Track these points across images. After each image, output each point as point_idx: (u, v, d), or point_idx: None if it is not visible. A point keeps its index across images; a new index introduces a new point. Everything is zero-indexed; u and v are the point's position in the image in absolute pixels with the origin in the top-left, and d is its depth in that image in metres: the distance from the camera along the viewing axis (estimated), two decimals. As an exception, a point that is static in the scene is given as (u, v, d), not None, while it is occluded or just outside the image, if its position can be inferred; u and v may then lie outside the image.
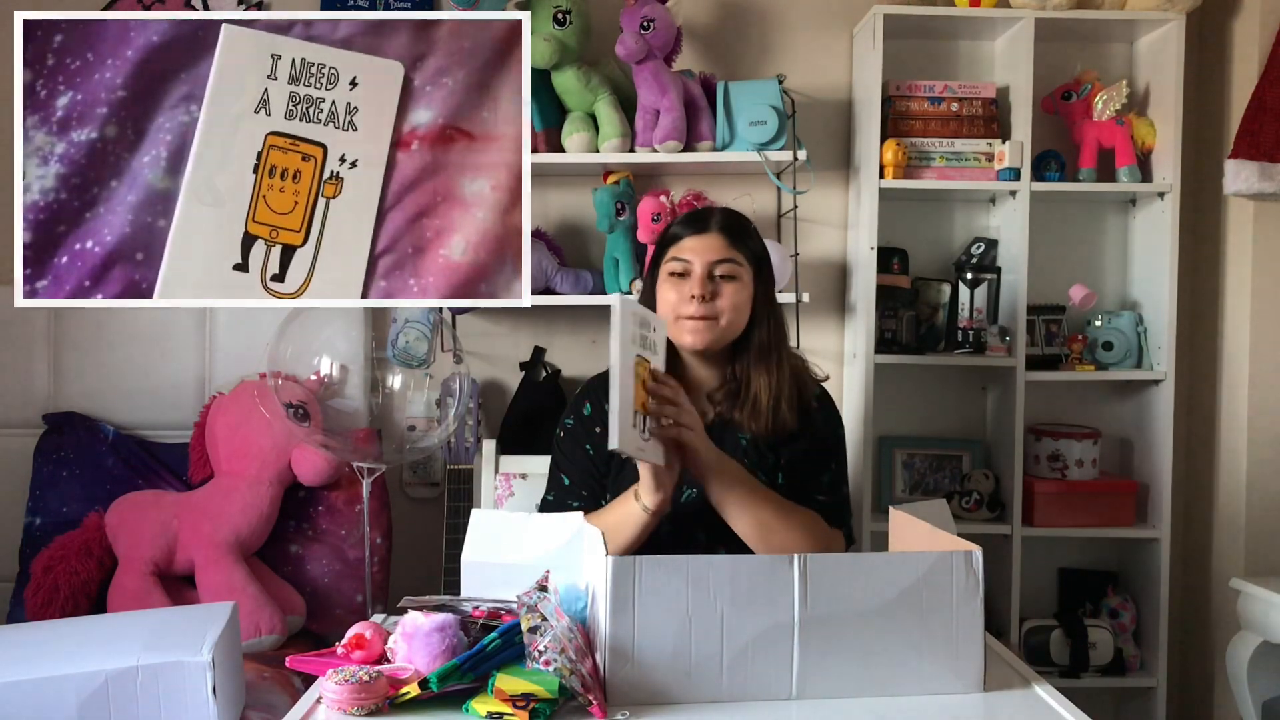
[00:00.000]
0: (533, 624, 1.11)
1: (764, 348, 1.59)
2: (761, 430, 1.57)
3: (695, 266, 1.56)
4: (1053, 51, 2.50)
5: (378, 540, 2.27)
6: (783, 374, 1.59)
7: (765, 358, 1.59)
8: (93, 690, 1.34)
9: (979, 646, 1.17)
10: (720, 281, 1.55)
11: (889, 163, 2.39)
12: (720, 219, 1.60)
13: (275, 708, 1.67)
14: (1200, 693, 2.58)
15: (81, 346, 2.43)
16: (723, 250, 1.57)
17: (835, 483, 1.63)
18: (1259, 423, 2.46)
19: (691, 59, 2.54)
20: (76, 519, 2.23)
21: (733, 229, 1.60)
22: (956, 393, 2.65)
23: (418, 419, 2.27)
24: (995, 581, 2.43)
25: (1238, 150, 2.37)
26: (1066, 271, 2.59)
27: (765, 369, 1.58)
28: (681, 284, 1.56)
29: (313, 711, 1.11)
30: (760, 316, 1.60)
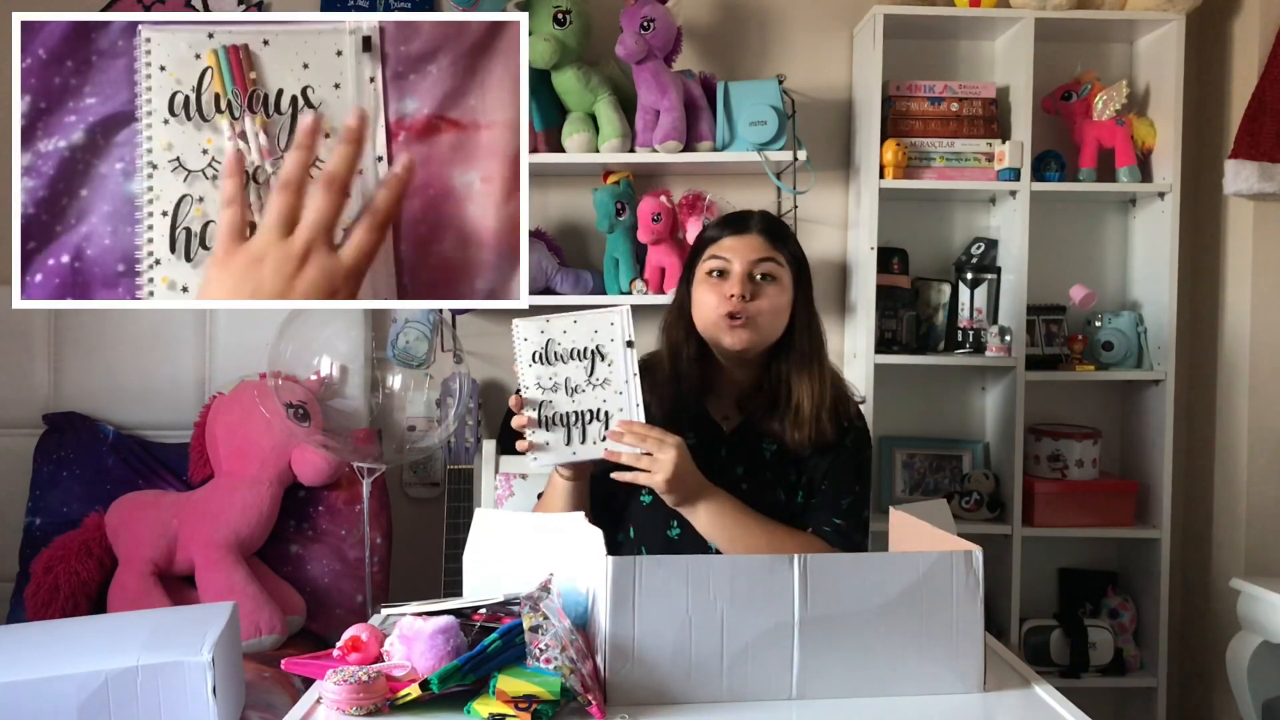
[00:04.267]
0: (535, 623, 1.11)
1: (805, 355, 1.55)
2: (803, 441, 1.53)
3: (735, 266, 1.52)
4: (1053, 51, 2.50)
5: (378, 540, 2.27)
6: (825, 384, 1.54)
7: (807, 365, 1.54)
8: (93, 690, 1.33)
9: (979, 646, 1.17)
10: (760, 282, 1.52)
11: (889, 163, 2.39)
12: (760, 220, 1.58)
13: (275, 708, 1.67)
14: (1200, 693, 2.58)
15: (81, 346, 2.43)
16: (763, 249, 1.53)
17: (854, 508, 1.56)
18: (1259, 423, 2.46)
19: (691, 59, 2.54)
20: (76, 519, 2.23)
21: (773, 230, 1.57)
22: (956, 393, 2.65)
23: (418, 419, 2.27)
24: (995, 581, 2.43)
25: (1238, 150, 2.37)
26: (1066, 271, 2.59)
27: (808, 376, 1.54)
28: (720, 284, 1.53)
29: (313, 712, 1.11)
30: (801, 322, 1.56)
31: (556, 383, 1.41)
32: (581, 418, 1.41)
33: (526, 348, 1.41)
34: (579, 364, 1.41)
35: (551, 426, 1.41)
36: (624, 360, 1.41)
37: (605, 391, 1.41)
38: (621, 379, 1.41)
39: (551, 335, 1.41)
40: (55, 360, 2.43)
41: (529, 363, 1.41)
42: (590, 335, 1.41)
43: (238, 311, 2.41)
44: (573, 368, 1.41)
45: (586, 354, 1.41)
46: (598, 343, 1.41)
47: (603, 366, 1.41)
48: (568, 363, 1.41)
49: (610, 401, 1.41)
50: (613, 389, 1.41)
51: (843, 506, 1.55)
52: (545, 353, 1.41)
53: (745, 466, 1.57)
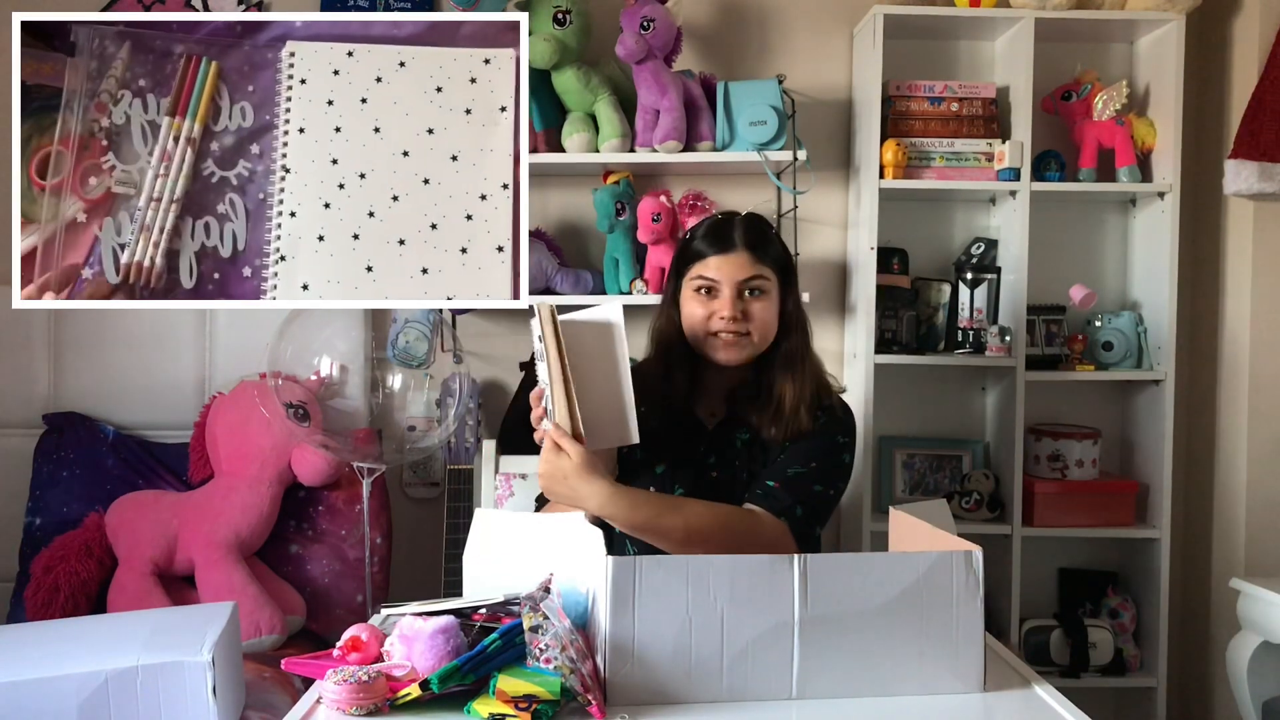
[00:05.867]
0: (535, 623, 1.11)
1: (790, 355, 1.59)
2: (779, 435, 1.56)
3: (724, 289, 1.55)
4: (1053, 51, 2.50)
5: (378, 540, 2.27)
6: (806, 380, 1.58)
7: (791, 365, 1.58)
8: (93, 690, 1.34)
9: (979, 646, 1.17)
10: (750, 298, 1.55)
11: (889, 163, 2.39)
12: (744, 234, 1.57)
13: (275, 708, 1.67)
14: (1200, 693, 2.58)
15: (81, 346, 2.42)
16: (749, 267, 1.55)
17: (801, 479, 1.53)
18: (1259, 423, 2.46)
19: (691, 59, 2.54)
20: (76, 519, 2.23)
21: (756, 243, 1.58)
22: (956, 393, 2.65)
23: (418, 419, 2.27)
24: (995, 581, 2.43)
25: (1238, 150, 2.37)
26: (1066, 271, 2.59)
27: (791, 376, 1.57)
28: (709, 301, 1.56)
29: (313, 712, 1.11)
30: (790, 324, 1.60)
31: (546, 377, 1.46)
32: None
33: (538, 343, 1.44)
34: (541, 363, 1.45)
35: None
36: (544, 361, 1.45)
37: (548, 389, 1.45)
38: (545, 379, 1.45)
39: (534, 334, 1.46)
40: (55, 360, 2.43)
41: (540, 356, 1.44)
42: (536, 340, 1.45)
43: (238, 311, 2.41)
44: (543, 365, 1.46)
45: (541, 355, 1.46)
46: (534, 347, 1.46)
47: (541, 366, 1.45)
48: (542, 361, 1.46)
49: (547, 400, 1.45)
50: (548, 384, 1.45)
51: (786, 474, 1.53)
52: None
53: (717, 456, 1.60)
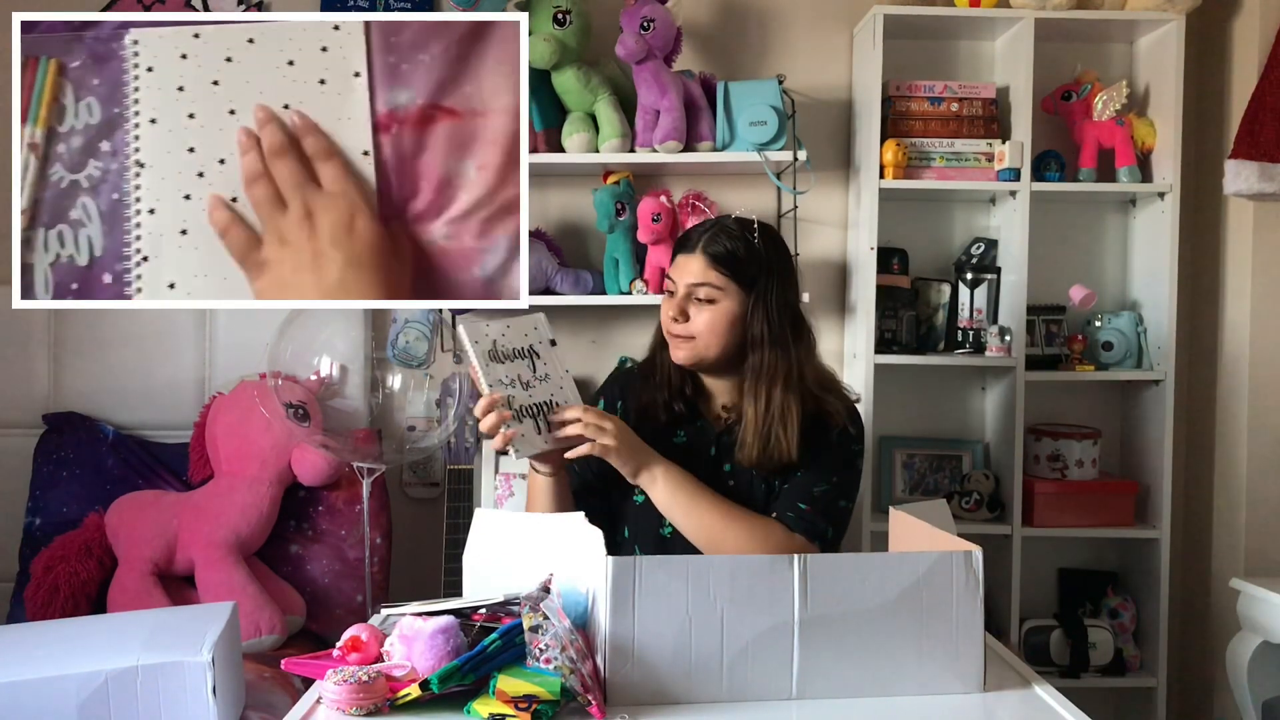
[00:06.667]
0: (535, 623, 1.11)
1: (757, 374, 1.54)
2: (745, 461, 1.55)
3: (678, 288, 1.57)
4: (1053, 51, 2.50)
5: (378, 540, 2.27)
6: (773, 404, 1.52)
7: (756, 385, 1.54)
8: (93, 690, 1.33)
9: (979, 646, 1.17)
10: (699, 304, 1.55)
11: (889, 163, 2.39)
12: (708, 240, 1.55)
13: (275, 708, 1.67)
14: (1200, 693, 2.58)
15: (81, 346, 2.42)
16: (701, 273, 1.54)
17: (826, 497, 1.54)
18: (1259, 423, 2.46)
19: (691, 59, 2.54)
20: (76, 519, 2.23)
21: (719, 252, 1.54)
22: (956, 393, 2.65)
23: (418, 419, 2.27)
24: (995, 581, 2.43)
25: (1238, 150, 2.37)
26: (1066, 271, 2.59)
27: (754, 398, 1.53)
28: (669, 302, 1.59)
29: (313, 712, 1.11)
30: (757, 340, 1.54)
31: (513, 378, 1.46)
32: (542, 409, 1.47)
33: (479, 348, 1.45)
34: (523, 361, 1.47)
35: (521, 419, 1.45)
36: (554, 357, 1.51)
37: (550, 385, 1.48)
38: (558, 373, 1.50)
39: (494, 336, 1.47)
40: (55, 360, 2.43)
41: (487, 361, 1.45)
42: (522, 338, 1.49)
43: (238, 311, 2.41)
44: (520, 365, 1.47)
45: (525, 353, 1.48)
46: (530, 343, 1.49)
47: (540, 364, 1.48)
48: (515, 361, 1.47)
49: (556, 395, 1.48)
50: (554, 383, 1.49)
51: (813, 494, 1.54)
52: (496, 351, 1.46)
53: (732, 464, 1.60)
